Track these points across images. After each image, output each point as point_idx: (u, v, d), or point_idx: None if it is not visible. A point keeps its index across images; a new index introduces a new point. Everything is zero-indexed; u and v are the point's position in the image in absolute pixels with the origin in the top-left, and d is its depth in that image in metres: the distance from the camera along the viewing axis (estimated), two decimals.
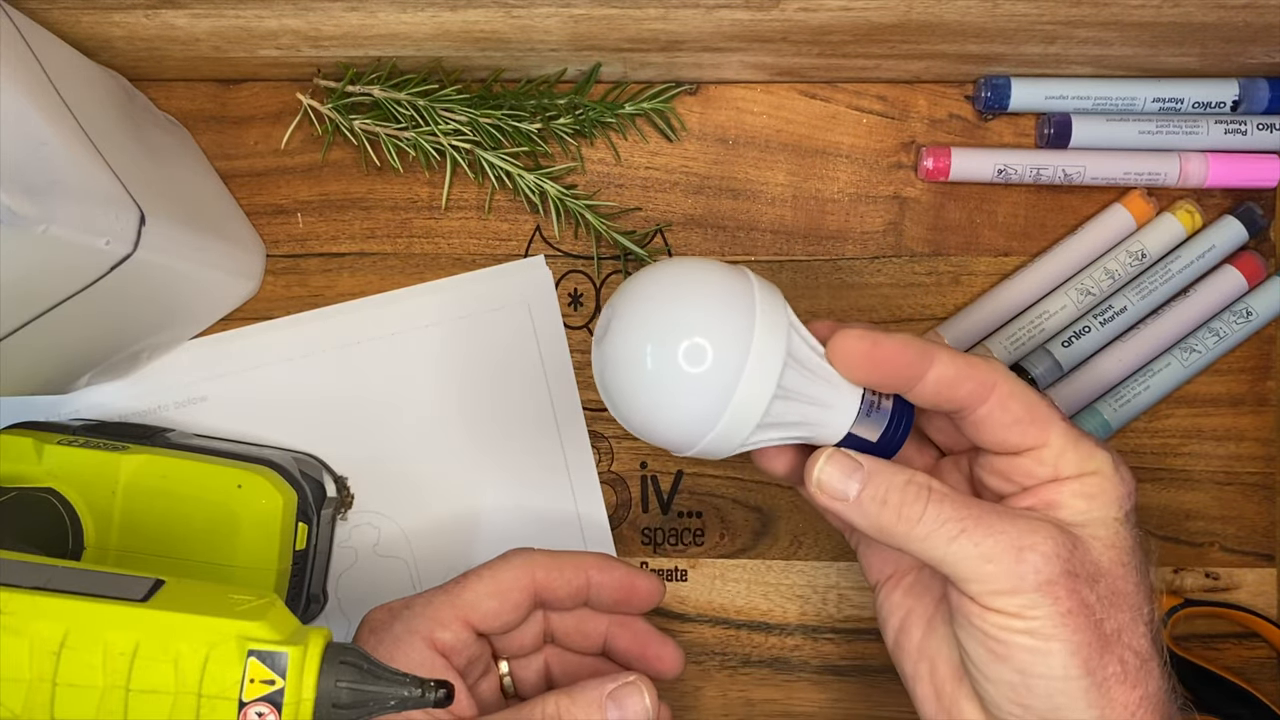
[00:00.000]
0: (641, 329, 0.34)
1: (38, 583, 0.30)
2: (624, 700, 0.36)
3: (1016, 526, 0.33)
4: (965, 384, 0.35)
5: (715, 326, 0.34)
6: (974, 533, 0.33)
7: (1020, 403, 0.35)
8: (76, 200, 0.34)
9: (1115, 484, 0.35)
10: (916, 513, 0.34)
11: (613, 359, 0.35)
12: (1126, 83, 0.47)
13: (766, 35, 0.42)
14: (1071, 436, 0.35)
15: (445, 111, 0.46)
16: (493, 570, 0.40)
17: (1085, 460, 0.35)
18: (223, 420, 0.48)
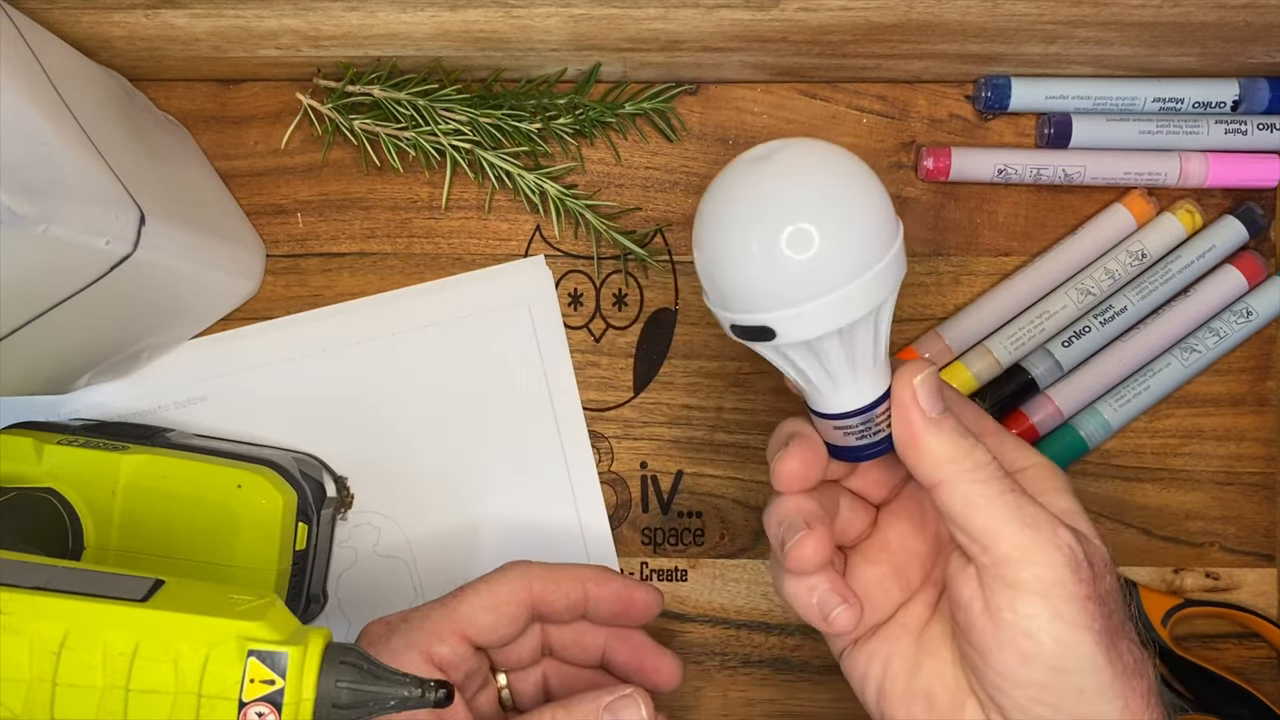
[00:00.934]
0: (808, 176, 0.33)
1: (38, 583, 0.30)
2: (620, 713, 0.36)
3: (1045, 512, 0.34)
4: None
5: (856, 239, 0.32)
6: (1020, 497, 0.34)
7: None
8: (76, 200, 0.34)
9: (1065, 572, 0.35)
10: (982, 457, 0.34)
11: (756, 183, 0.33)
12: (1127, 83, 0.47)
13: (766, 35, 0.42)
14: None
15: (445, 111, 0.46)
16: (489, 584, 0.40)
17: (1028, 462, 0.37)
18: (223, 420, 0.48)
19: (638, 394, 0.49)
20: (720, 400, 0.49)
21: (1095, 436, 0.47)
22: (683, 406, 0.49)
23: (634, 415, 0.49)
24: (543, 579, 0.40)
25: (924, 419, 0.34)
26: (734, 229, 0.33)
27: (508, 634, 0.40)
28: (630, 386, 0.49)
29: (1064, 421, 0.47)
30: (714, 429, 0.49)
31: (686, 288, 0.49)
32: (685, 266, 0.49)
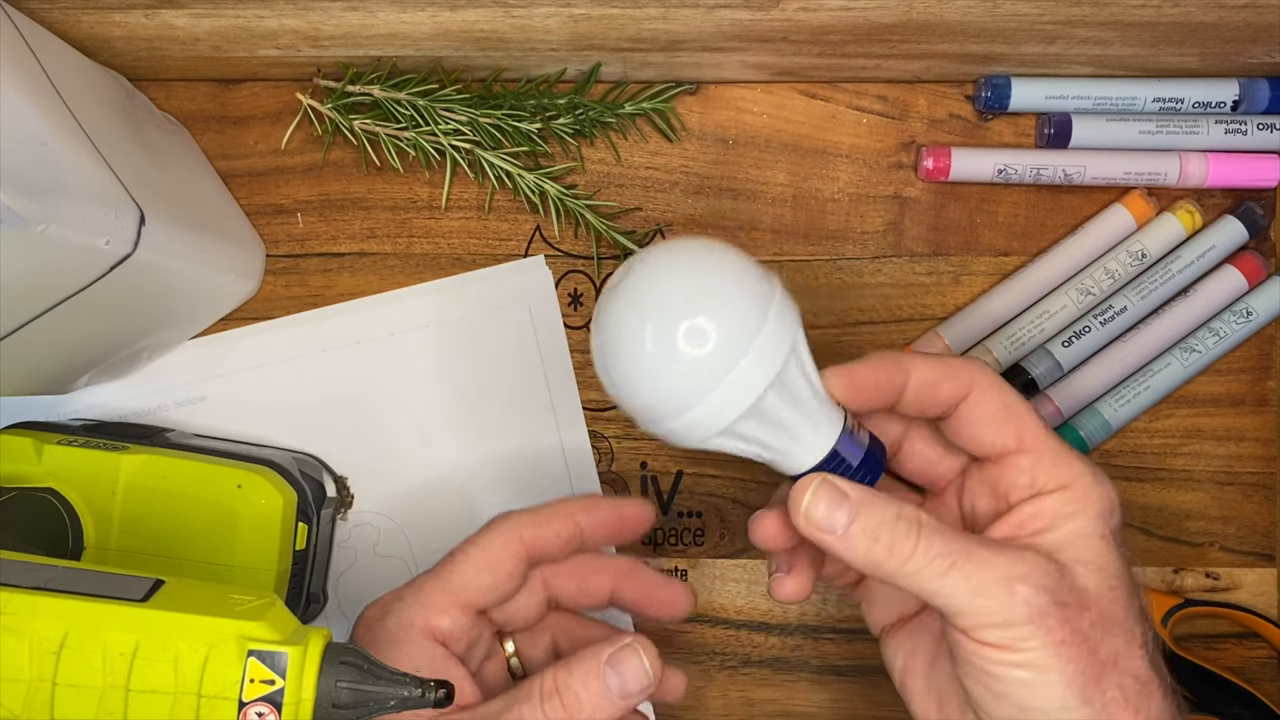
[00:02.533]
0: (658, 291, 0.34)
1: (38, 583, 0.30)
2: (621, 665, 0.35)
3: (1005, 558, 0.33)
4: (944, 384, 0.36)
5: (727, 319, 0.33)
6: (964, 566, 0.33)
7: (996, 399, 0.36)
8: (76, 200, 0.34)
9: (1095, 499, 0.34)
10: (908, 549, 0.33)
11: (617, 313, 0.34)
12: (1126, 83, 0.47)
13: (766, 35, 0.42)
14: (1049, 445, 0.35)
15: (445, 111, 0.46)
16: (479, 544, 0.38)
17: (1062, 471, 0.35)
18: (223, 420, 0.48)
19: None
20: None
21: (1095, 436, 0.47)
22: None
23: None
24: (531, 525, 0.39)
25: (831, 542, 0.34)
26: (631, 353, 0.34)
27: (507, 590, 0.39)
28: None
29: (1064, 421, 0.47)
30: None
31: None
32: None
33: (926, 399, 0.36)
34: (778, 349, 0.34)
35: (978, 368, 0.36)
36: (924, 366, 0.36)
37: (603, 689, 0.35)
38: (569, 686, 0.35)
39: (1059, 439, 0.36)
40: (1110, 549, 0.34)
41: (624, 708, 0.35)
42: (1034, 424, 0.35)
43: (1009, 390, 0.36)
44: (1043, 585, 0.32)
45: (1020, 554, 0.33)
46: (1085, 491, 0.34)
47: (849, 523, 0.34)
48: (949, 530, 0.34)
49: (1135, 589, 0.34)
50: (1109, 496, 0.35)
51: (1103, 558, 0.34)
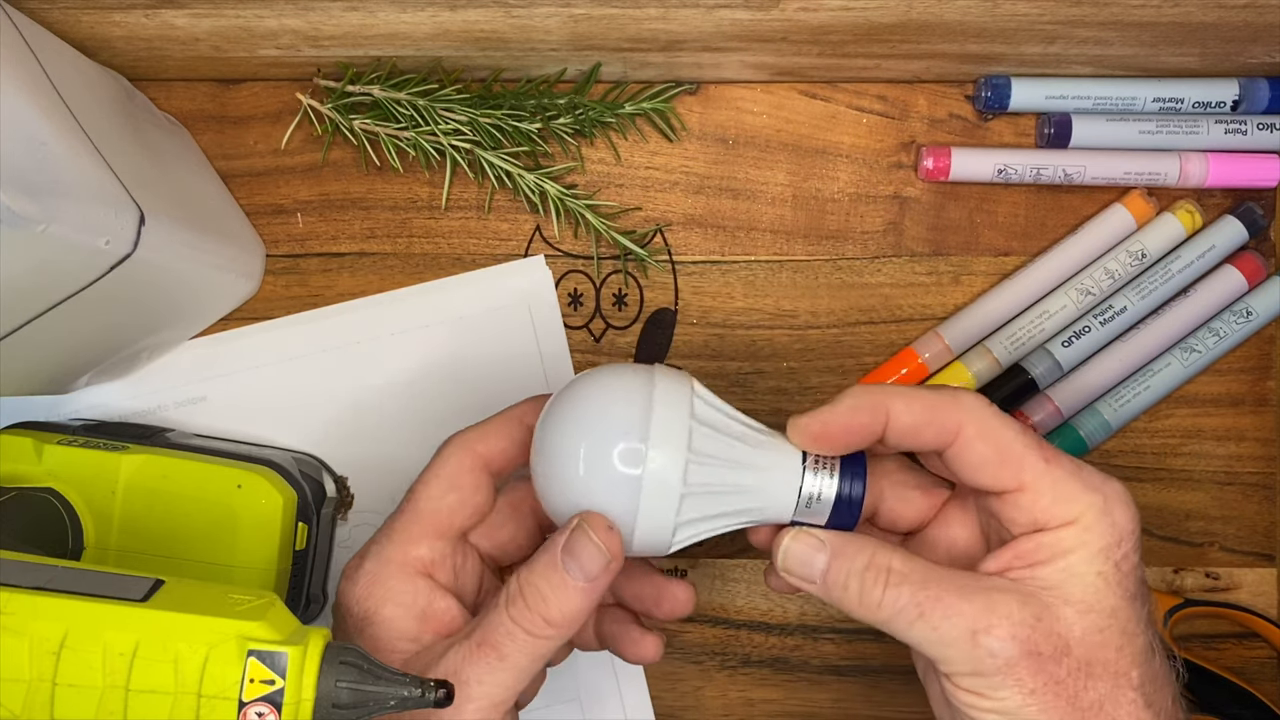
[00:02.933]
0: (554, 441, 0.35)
1: (38, 583, 0.30)
2: (575, 549, 0.34)
3: (973, 606, 0.32)
4: (926, 430, 0.34)
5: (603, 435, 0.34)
6: (931, 616, 0.32)
7: (987, 444, 0.34)
8: (76, 200, 0.34)
9: (1098, 534, 0.33)
10: (875, 598, 0.33)
11: (539, 471, 0.36)
12: (1126, 83, 0.47)
13: (766, 35, 0.42)
14: (1052, 480, 0.33)
15: (445, 111, 0.46)
16: (435, 469, 0.38)
17: (1065, 508, 0.33)
18: (223, 420, 0.48)
19: None
20: None
21: (1095, 436, 0.47)
22: None
23: None
24: (480, 436, 0.38)
25: (812, 590, 0.35)
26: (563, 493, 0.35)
27: (477, 505, 0.38)
28: None
29: (1064, 421, 0.47)
30: None
31: (686, 288, 0.49)
32: (685, 267, 0.49)
33: (910, 443, 0.35)
34: (672, 434, 0.34)
35: (965, 408, 0.34)
36: (904, 411, 0.34)
37: (563, 579, 0.34)
38: (531, 585, 0.34)
39: (1065, 465, 0.34)
40: (1106, 586, 0.32)
41: (590, 592, 0.34)
42: (1033, 459, 0.34)
43: (1001, 427, 0.34)
44: (1011, 635, 0.32)
45: (991, 600, 0.32)
46: (1088, 527, 0.33)
47: (824, 572, 0.34)
48: (922, 575, 0.33)
49: (1140, 624, 0.33)
50: (1116, 527, 0.33)
51: (1095, 596, 0.32)
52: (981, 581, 0.33)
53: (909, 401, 0.34)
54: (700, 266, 0.49)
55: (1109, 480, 0.34)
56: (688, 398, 0.35)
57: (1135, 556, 0.33)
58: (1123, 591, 0.33)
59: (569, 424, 0.35)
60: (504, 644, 0.34)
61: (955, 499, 0.39)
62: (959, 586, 0.33)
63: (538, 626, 0.34)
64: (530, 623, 0.34)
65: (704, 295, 0.49)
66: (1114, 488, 0.34)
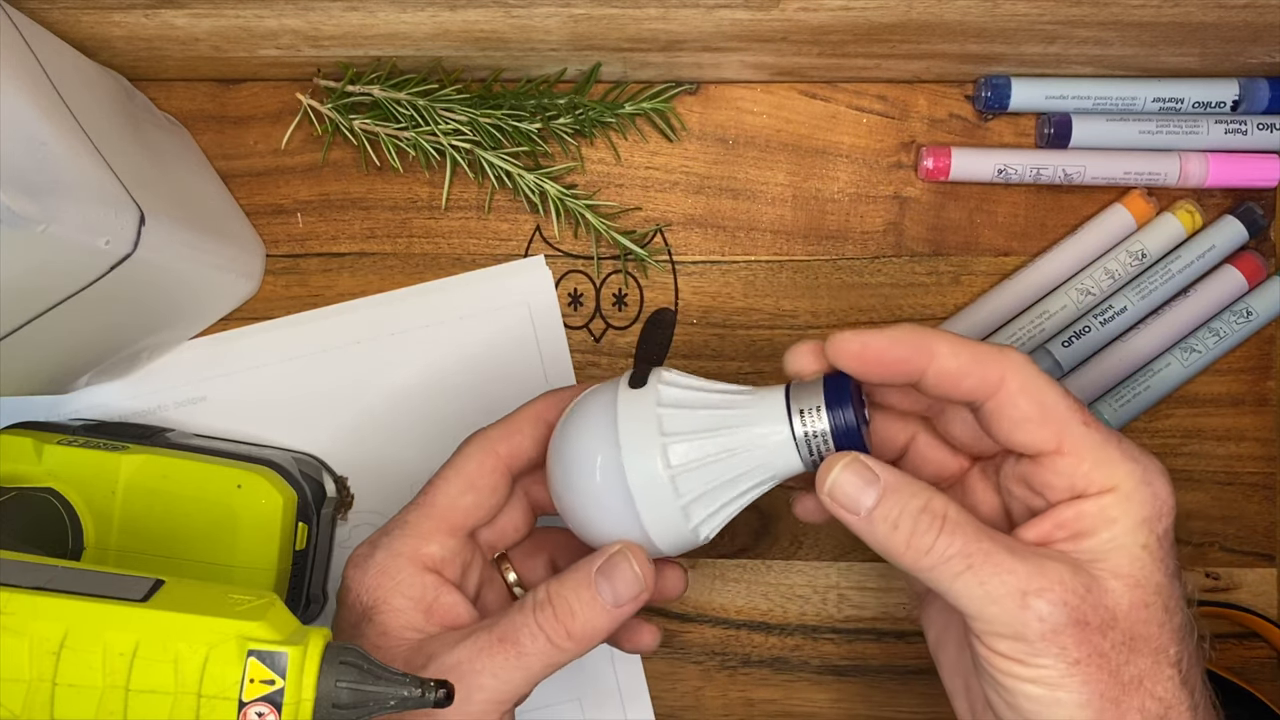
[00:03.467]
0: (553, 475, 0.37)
1: (38, 583, 0.30)
2: (612, 573, 0.35)
3: (1026, 566, 0.31)
4: (968, 379, 0.33)
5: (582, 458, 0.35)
6: (981, 570, 0.31)
7: (1030, 399, 0.33)
8: (76, 200, 0.34)
9: (1140, 504, 0.32)
10: (926, 543, 0.32)
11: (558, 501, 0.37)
12: (1126, 82, 0.47)
13: (766, 35, 0.42)
14: (1092, 443, 0.32)
15: (445, 111, 0.46)
16: (455, 467, 0.38)
17: (1106, 474, 0.32)
18: (223, 420, 0.48)
19: None
20: None
21: None
22: None
23: None
24: (503, 436, 0.38)
25: (855, 522, 0.33)
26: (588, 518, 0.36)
27: (492, 506, 0.38)
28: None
29: None
30: None
31: (686, 288, 0.49)
32: (685, 267, 0.49)
33: (949, 389, 0.34)
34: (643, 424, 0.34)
35: (1010, 362, 0.33)
36: (949, 354, 0.33)
37: (594, 598, 0.34)
38: (561, 597, 0.35)
39: (1104, 431, 0.33)
40: (1152, 560, 0.32)
41: (618, 616, 0.35)
42: (1075, 422, 0.33)
43: (1046, 386, 0.33)
44: (1063, 601, 0.31)
45: (1043, 564, 0.31)
46: (1129, 495, 0.32)
47: (873, 506, 0.33)
48: (975, 528, 0.32)
49: (1178, 601, 0.32)
50: (1157, 498, 0.32)
51: (1142, 571, 0.32)
52: (1030, 547, 0.32)
53: (955, 346, 0.33)
54: (700, 266, 0.49)
55: (1147, 452, 0.33)
56: (651, 388, 0.35)
57: (1172, 535, 0.33)
58: (1164, 567, 0.32)
59: (556, 458, 0.36)
60: (526, 645, 0.34)
61: (978, 468, 0.38)
62: (1010, 547, 0.32)
63: (560, 637, 0.34)
64: (554, 632, 0.34)
65: (704, 295, 0.49)
66: (1153, 460, 0.33)
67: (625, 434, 0.34)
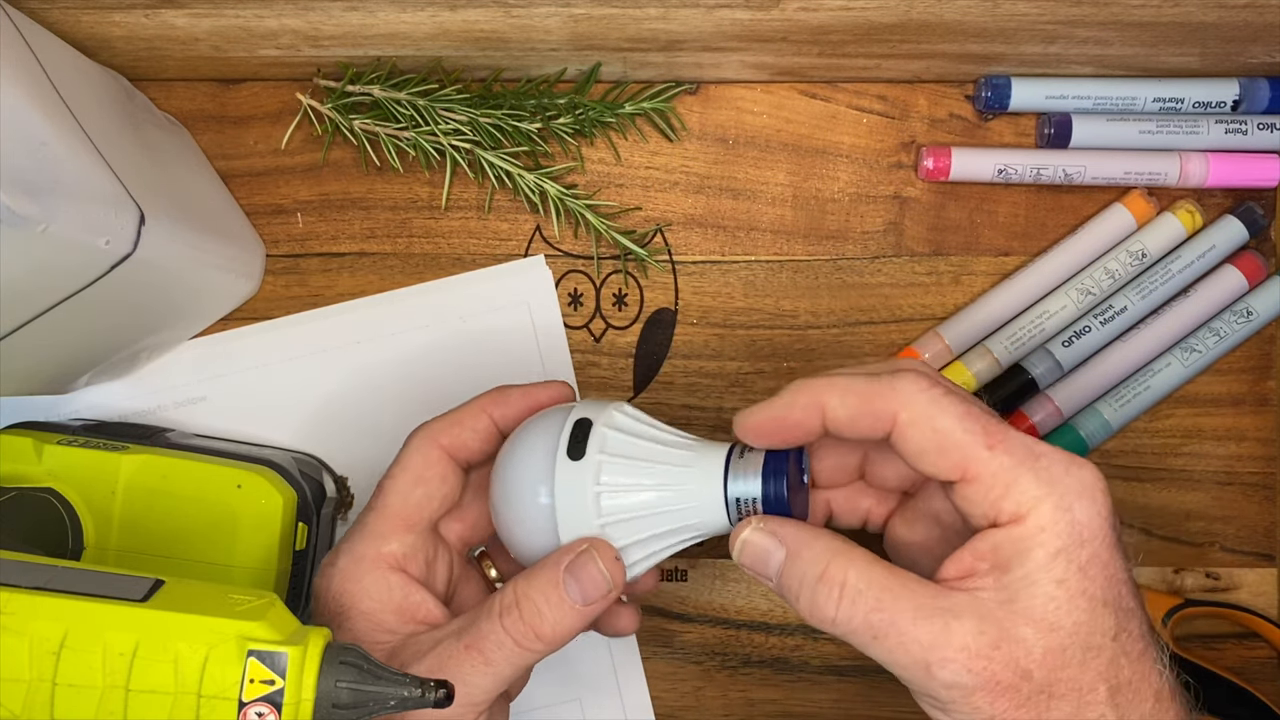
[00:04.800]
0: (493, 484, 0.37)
1: (38, 583, 0.30)
2: (579, 571, 0.35)
3: (930, 632, 0.30)
4: (861, 422, 0.33)
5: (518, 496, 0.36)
6: (886, 641, 0.31)
7: (921, 432, 0.32)
8: (76, 200, 0.34)
9: (1055, 534, 0.30)
10: (828, 614, 0.32)
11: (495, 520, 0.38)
12: (1127, 82, 0.47)
13: (766, 35, 0.42)
14: (998, 468, 0.31)
15: (445, 111, 0.46)
16: (401, 463, 0.38)
17: (1014, 502, 0.31)
18: (223, 420, 0.48)
19: (638, 394, 0.49)
20: (720, 400, 0.49)
21: (1095, 436, 0.47)
22: (683, 406, 0.49)
23: None
24: (445, 429, 0.39)
25: (772, 589, 0.34)
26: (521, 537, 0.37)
27: (445, 495, 0.38)
28: (630, 386, 0.49)
29: (1064, 421, 0.47)
30: (714, 429, 0.49)
31: (686, 288, 0.49)
32: (685, 266, 0.49)
33: (850, 435, 0.33)
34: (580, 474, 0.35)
35: (899, 396, 0.32)
36: (838, 405, 0.33)
37: (562, 598, 0.34)
38: (529, 598, 0.34)
39: (1016, 451, 0.31)
40: (1069, 598, 0.30)
41: (587, 614, 0.35)
42: (977, 446, 0.31)
43: (939, 412, 0.32)
44: (967, 668, 0.30)
45: (949, 626, 0.30)
46: (1042, 525, 0.30)
47: (780, 573, 0.33)
48: (876, 593, 0.31)
49: (1104, 637, 0.30)
50: (1078, 526, 0.30)
51: (1057, 612, 0.30)
52: (940, 599, 0.31)
53: (844, 394, 0.33)
54: (700, 266, 0.49)
55: (1074, 468, 0.31)
56: (597, 433, 0.36)
57: (1108, 554, 0.31)
58: (1087, 601, 0.30)
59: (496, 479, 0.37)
60: (492, 651, 0.34)
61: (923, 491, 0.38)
62: (916, 606, 0.31)
63: (528, 639, 0.34)
64: (521, 634, 0.34)
65: (704, 295, 0.49)
66: (1077, 479, 0.31)
67: (560, 481, 0.35)
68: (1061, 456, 0.31)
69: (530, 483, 0.36)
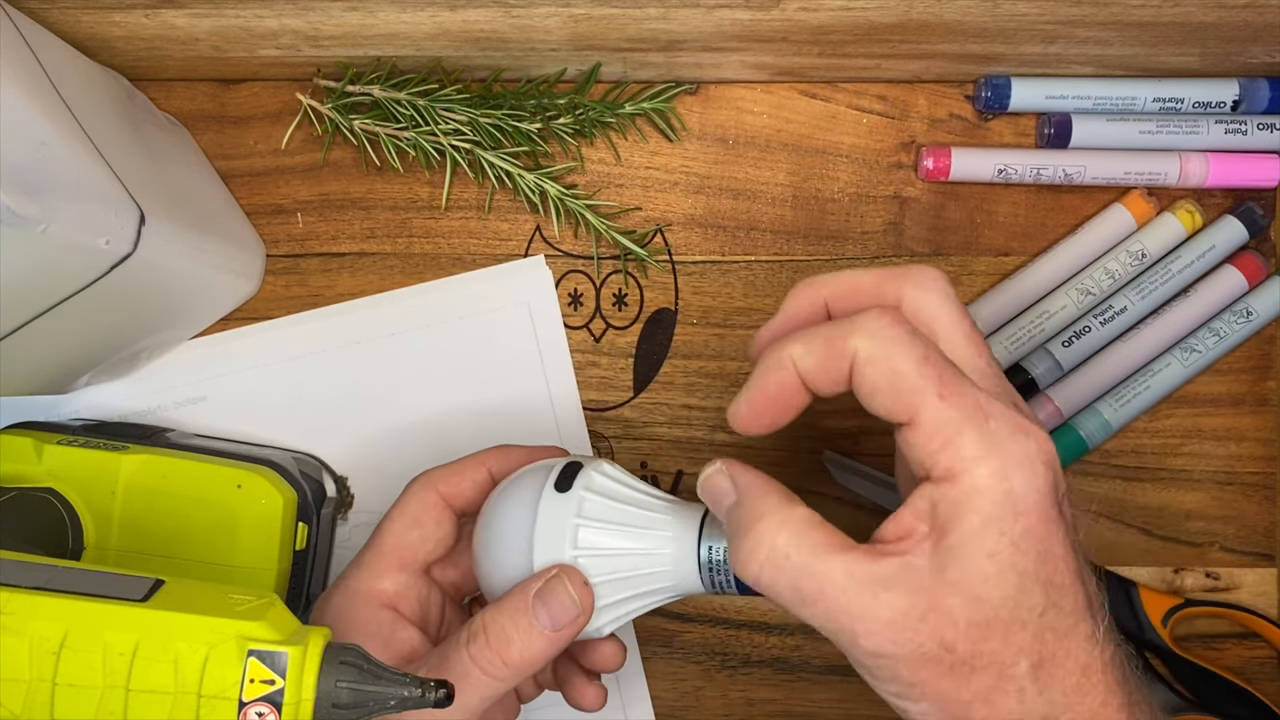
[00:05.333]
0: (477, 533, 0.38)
1: (38, 583, 0.30)
2: (549, 597, 0.35)
3: (859, 605, 0.30)
4: (830, 367, 0.31)
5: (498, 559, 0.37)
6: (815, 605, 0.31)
7: (876, 370, 0.30)
8: (76, 200, 0.34)
9: (990, 500, 0.29)
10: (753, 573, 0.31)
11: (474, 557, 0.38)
12: (1127, 82, 0.47)
13: (766, 35, 0.42)
14: (943, 419, 0.30)
15: (445, 111, 0.46)
16: (400, 506, 0.39)
17: (950, 458, 0.29)
18: (223, 420, 0.48)
19: (638, 394, 0.49)
20: (720, 400, 0.49)
21: (1095, 436, 0.47)
22: (683, 407, 0.49)
23: (634, 415, 0.49)
24: (445, 478, 0.40)
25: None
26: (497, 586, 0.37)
27: (439, 539, 0.39)
28: (630, 387, 0.49)
29: (1064, 421, 0.47)
30: (714, 429, 0.49)
31: (686, 288, 0.49)
32: (685, 267, 0.49)
33: (824, 385, 0.32)
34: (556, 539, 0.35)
35: (860, 331, 0.31)
36: (804, 355, 0.32)
37: (531, 624, 0.34)
38: (498, 624, 0.35)
39: (968, 405, 0.30)
40: (999, 573, 0.29)
41: (556, 641, 0.35)
42: (928, 393, 0.30)
43: (900, 352, 0.30)
44: (892, 640, 0.30)
45: (877, 599, 0.30)
46: (976, 488, 0.29)
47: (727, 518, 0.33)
48: (807, 558, 0.31)
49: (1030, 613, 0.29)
50: (1014, 497, 0.29)
51: (984, 585, 0.29)
52: (874, 565, 0.30)
53: (808, 344, 0.32)
54: (700, 266, 0.49)
55: (1020, 435, 0.30)
56: (575, 495, 0.36)
57: (1044, 529, 0.29)
58: (1017, 576, 0.29)
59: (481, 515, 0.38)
60: (457, 682, 0.34)
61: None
62: (848, 574, 0.30)
63: (495, 667, 0.34)
64: (488, 662, 0.34)
65: (704, 295, 0.49)
66: (1020, 446, 0.30)
67: (540, 533, 0.36)
68: (1011, 420, 0.30)
69: (515, 509, 0.37)
